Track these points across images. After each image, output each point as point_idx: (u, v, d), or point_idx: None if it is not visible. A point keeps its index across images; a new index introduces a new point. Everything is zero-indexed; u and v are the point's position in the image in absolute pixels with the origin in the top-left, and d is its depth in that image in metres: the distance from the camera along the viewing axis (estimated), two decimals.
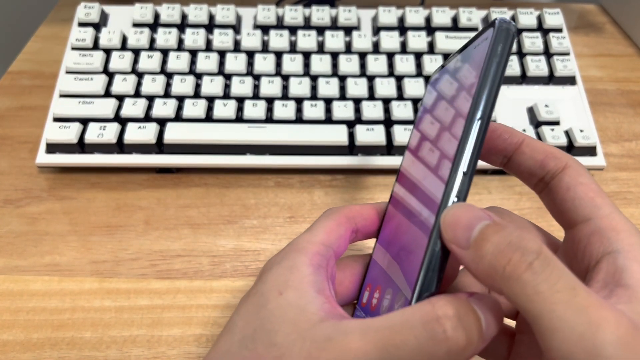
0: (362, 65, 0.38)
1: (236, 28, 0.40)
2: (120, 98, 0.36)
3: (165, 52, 0.38)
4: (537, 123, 0.36)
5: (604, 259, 0.16)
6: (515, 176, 0.20)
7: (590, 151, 0.35)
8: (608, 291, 0.15)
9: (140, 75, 0.37)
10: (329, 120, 0.36)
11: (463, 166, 0.16)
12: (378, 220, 0.21)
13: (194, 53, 0.38)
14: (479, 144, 0.16)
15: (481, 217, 0.15)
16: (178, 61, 0.37)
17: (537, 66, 0.38)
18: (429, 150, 0.19)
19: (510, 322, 0.21)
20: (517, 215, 0.20)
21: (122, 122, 0.35)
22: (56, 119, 0.35)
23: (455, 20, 0.41)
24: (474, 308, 0.15)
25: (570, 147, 0.35)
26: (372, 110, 0.36)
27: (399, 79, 0.38)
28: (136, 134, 0.34)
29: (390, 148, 0.35)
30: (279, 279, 0.17)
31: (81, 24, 0.39)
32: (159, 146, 0.35)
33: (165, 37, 0.39)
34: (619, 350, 0.13)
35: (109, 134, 0.34)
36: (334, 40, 0.39)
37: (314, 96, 0.37)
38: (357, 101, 0.37)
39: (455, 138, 0.17)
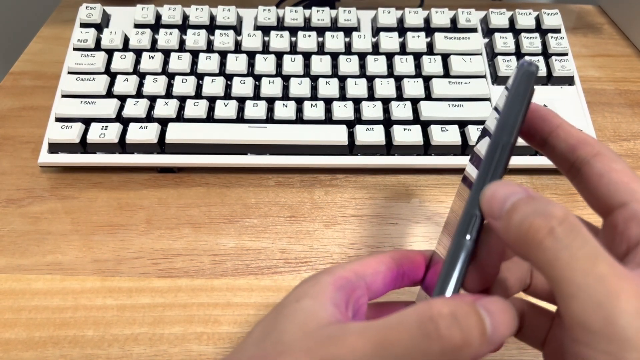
0: (362, 66, 0.39)
1: (237, 29, 0.41)
2: (122, 98, 0.36)
3: (166, 53, 0.39)
4: None
5: None
6: (551, 161, 0.20)
7: None
8: None
9: (141, 76, 0.37)
10: (329, 120, 0.36)
11: (484, 187, 0.17)
12: (425, 266, 0.21)
13: (195, 54, 0.39)
14: (500, 167, 0.17)
15: (517, 191, 0.16)
16: (179, 62, 0.38)
17: None
18: (463, 198, 0.19)
19: (550, 307, 0.21)
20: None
21: (124, 122, 0.35)
22: (58, 119, 0.35)
23: (454, 21, 0.41)
24: (477, 310, 0.15)
25: None
26: (371, 110, 0.36)
27: (399, 79, 0.38)
28: (138, 133, 0.34)
29: (389, 148, 0.35)
30: (300, 291, 0.18)
31: (83, 25, 0.40)
32: (161, 146, 0.35)
33: (167, 38, 0.39)
34: (635, 320, 0.13)
35: (111, 134, 0.34)
36: (334, 41, 0.39)
37: (314, 96, 0.37)
38: (356, 101, 0.37)
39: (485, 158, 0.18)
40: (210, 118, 0.36)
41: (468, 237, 0.17)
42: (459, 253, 0.17)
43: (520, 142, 0.31)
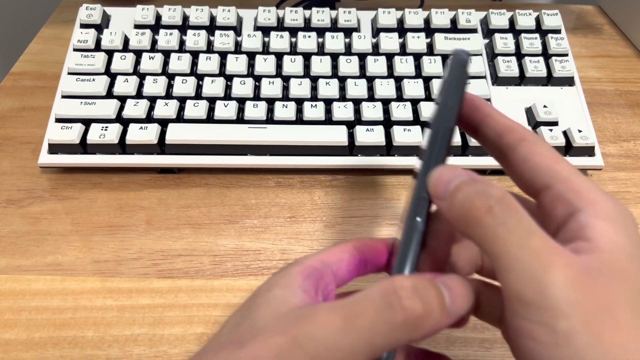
0: (362, 67, 0.39)
1: (237, 29, 0.41)
2: (122, 99, 0.36)
3: (166, 54, 0.39)
4: (535, 123, 0.37)
5: (569, 220, 0.17)
6: (485, 149, 0.21)
7: (589, 151, 0.36)
8: (572, 245, 0.16)
9: (141, 76, 0.37)
10: (329, 120, 0.36)
11: (429, 171, 0.18)
12: (387, 253, 0.22)
13: (195, 54, 0.39)
14: (442, 151, 0.19)
15: (460, 174, 0.17)
16: (179, 62, 0.38)
17: (535, 67, 0.38)
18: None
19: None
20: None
21: (124, 122, 0.35)
22: (58, 120, 0.35)
23: (454, 21, 0.41)
24: (436, 284, 0.16)
25: (569, 148, 0.36)
26: (371, 111, 0.36)
27: (399, 80, 0.38)
28: (138, 134, 0.34)
29: (389, 148, 0.35)
30: (271, 282, 0.19)
31: (83, 26, 0.40)
32: (161, 146, 0.35)
33: (167, 39, 0.39)
34: (565, 290, 0.14)
35: (111, 134, 0.34)
36: (334, 42, 0.39)
37: (314, 97, 0.37)
38: (356, 102, 0.37)
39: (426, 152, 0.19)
40: (210, 119, 0.36)
41: (418, 218, 0.18)
42: (411, 234, 0.18)
43: None
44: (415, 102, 0.37)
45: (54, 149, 0.35)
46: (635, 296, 0.15)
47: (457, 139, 0.35)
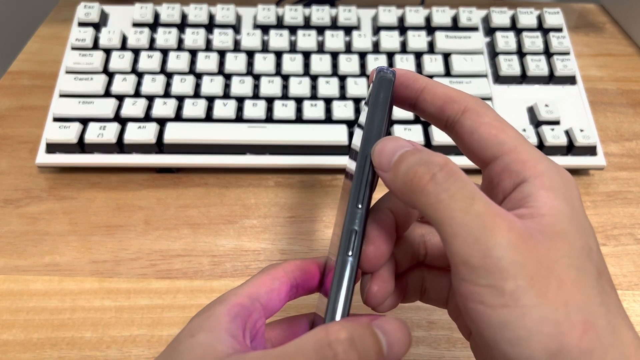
0: (362, 65, 0.38)
1: (236, 28, 0.40)
2: (120, 98, 0.36)
3: (165, 52, 0.38)
4: (537, 123, 0.36)
5: (515, 191, 0.17)
6: (427, 120, 0.20)
7: (591, 151, 0.35)
8: (515, 212, 0.16)
9: (140, 75, 0.37)
10: (329, 120, 0.36)
11: (358, 201, 0.18)
12: (319, 274, 0.21)
13: (193, 53, 0.38)
14: (369, 178, 0.18)
15: (404, 145, 0.17)
16: (178, 61, 0.37)
17: (537, 66, 0.38)
18: (346, 197, 0.20)
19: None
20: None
21: (122, 122, 0.35)
22: (56, 119, 0.35)
23: (455, 20, 0.41)
24: (374, 331, 0.15)
25: (571, 147, 0.35)
26: None
27: None
28: (136, 133, 0.34)
29: None
30: (195, 325, 0.17)
31: (81, 24, 0.39)
32: (159, 146, 0.35)
33: (165, 37, 0.39)
34: (508, 251, 0.14)
35: (109, 133, 0.34)
36: (334, 40, 0.39)
37: (314, 96, 0.37)
38: (357, 101, 0.37)
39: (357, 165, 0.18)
40: (209, 118, 0.35)
41: (350, 254, 0.17)
42: (344, 272, 0.17)
43: None
44: None
45: (52, 148, 0.34)
46: (576, 255, 0.15)
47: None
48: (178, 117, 0.35)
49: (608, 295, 0.15)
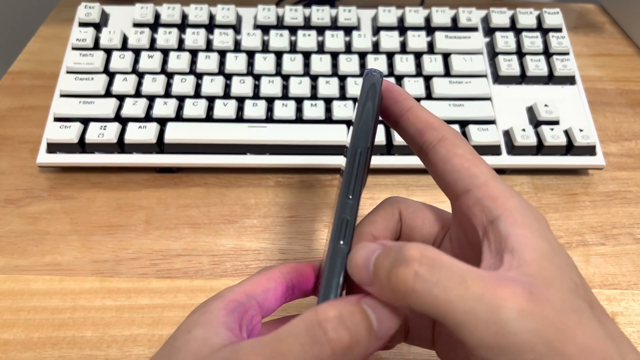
0: (362, 65, 0.38)
1: (236, 28, 0.41)
2: (121, 98, 0.36)
3: (165, 52, 0.38)
4: (536, 122, 0.36)
5: (489, 228, 0.16)
6: (404, 140, 0.21)
7: (590, 151, 0.35)
8: (498, 259, 0.16)
9: (140, 75, 0.37)
10: (329, 119, 0.36)
11: (349, 192, 0.18)
12: (315, 276, 0.21)
13: (194, 53, 0.38)
14: (360, 171, 0.18)
15: (372, 249, 0.16)
16: (178, 61, 0.38)
17: (536, 66, 0.38)
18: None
19: None
20: (412, 200, 0.21)
21: (123, 121, 0.35)
22: (57, 119, 0.35)
23: (454, 20, 0.41)
24: (362, 308, 0.15)
25: (570, 147, 0.35)
26: None
27: (399, 78, 0.38)
28: (137, 133, 0.34)
29: (390, 148, 0.35)
30: (190, 321, 0.18)
31: (82, 24, 0.40)
32: (160, 146, 0.35)
33: (166, 37, 0.39)
34: (522, 322, 0.14)
35: (110, 133, 0.34)
36: (334, 40, 0.39)
37: (314, 96, 0.37)
38: (356, 101, 0.37)
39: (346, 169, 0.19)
40: (209, 118, 0.36)
41: (342, 242, 0.17)
42: (335, 259, 0.17)
43: (519, 142, 0.32)
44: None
45: (53, 148, 0.34)
46: (569, 298, 0.15)
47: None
48: (178, 117, 0.36)
49: (606, 324, 0.15)
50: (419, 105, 0.20)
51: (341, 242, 0.17)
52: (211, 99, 0.36)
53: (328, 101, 0.37)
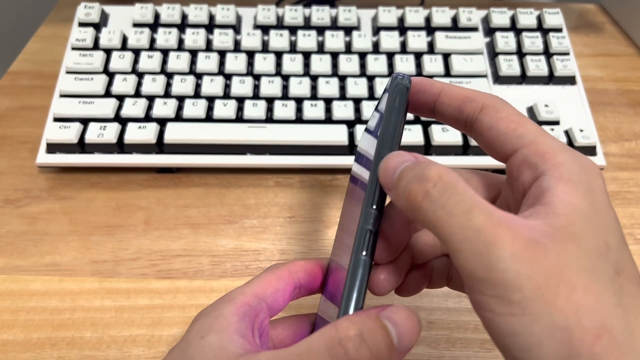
0: (362, 65, 0.38)
1: (236, 28, 0.40)
2: (121, 98, 0.36)
3: (165, 52, 0.38)
4: (537, 123, 0.36)
5: (533, 185, 0.16)
6: (447, 124, 0.21)
7: (590, 151, 0.35)
8: (530, 211, 0.16)
9: (140, 75, 0.37)
10: (329, 120, 0.36)
11: (372, 203, 0.18)
12: (322, 275, 0.21)
13: (194, 53, 0.38)
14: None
15: (405, 160, 0.17)
16: (178, 61, 0.38)
17: (537, 66, 0.38)
18: (355, 200, 0.20)
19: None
20: (463, 169, 0.21)
21: (123, 122, 0.35)
22: (56, 119, 0.35)
23: (455, 20, 0.41)
24: (383, 324, 0.15)
25: (570, 147, 0.35)
26: (372, 110, 0.36)
27: None
28: (136, 133, 0.34)
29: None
30: (204, 326, 0.17)
31: (81, 24, 0.39)
32: (159, 146, 0.35)
33: (166, 37, 0.39)
34: (512, 263, 0.14)
35: (109, 134, 0.34)
36: (334, 40, 0.39)
37: (314, 96, 0.37)
38: (357, 101, 0.37)
39: (370, 180, 0.18)
40: (209, 118, 0.35)
41: (364, 253, 0.17)
42: (357, 270, 0.17)
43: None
44: None
45: (52, 148, 0.34)
46: (590, 257, 0.15)
47: (457, 138, 0.35)
48: (178, 117, 0.35)
49: (628, 294, 0.15)
50: (447, 84, 0.20)
51: (363, 254, 0.17)
52: (211, 99, 0.36)
53: (328, 101, 0.36)
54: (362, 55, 0.39)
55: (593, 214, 0.15)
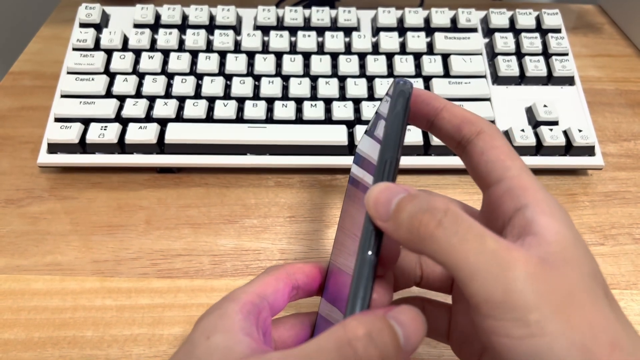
0: (362, 66, 0.38)
1: (236, 29, 0.41)
2: (122, 98, 0.36)
3: (166, 53, 0.38)
4: (535, 123, 0.36)
5: (515, 215, 0.17)
6: (440, 140, 0.21)
7: (589, 151, 0.36)
8: (520, 241, 0.16)
9: (141, 76, 0.37)
10: (328, 120, 0.36)
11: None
12: (320, 278, 0.21)
13: (194, 54, 0.39)
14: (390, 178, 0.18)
15: (398, 192, 0.17)
16: (179, 62, 0.38)
17: (535, 66, 0.38)
18: (356, 203, 0.20)
19: (446, 298, 0.22)
20: (441, 195, 0.21)
21: (123, 122, 0.35)
22: (57, 119, 0.35)
23: (454, 21, 0.41)
24: (390, 324, 0.16)
25: (569, 147, 0.36)
26: (371, 110, 0.36)
27: None
28: (137, 134, 0.34)
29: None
30: (209, 326, 0.17)
31: (82, 25, 0.40)
32: (160, 146, 0.35)
33: (166, 38, 0.39)
34: (529, 284, 0.14)
35: (110, 134, 0.34)
36: (334, 41, 0.39)
37: (313, 96, 0.37)
38: (356, 101, 0.37)
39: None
40: (209, 118, 0.36)
41: (370, 252, 0.18)
42: (363, 270, 0.17)
43: (519, 142, 0.32)
44: None
45: (53, 148, 0.35)
46: (587, 280, 0.15)
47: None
48: (179, 118, 0.36)
49: (619, 313, 0.16)
50: (451, 103, 0.20)
51: (369, 253, 0.18)
52: (211, 100, 0.36)
53: (328, 102, 0.37)
54: (362, 56, 0.39)
55: (578, 242, 0.16)
